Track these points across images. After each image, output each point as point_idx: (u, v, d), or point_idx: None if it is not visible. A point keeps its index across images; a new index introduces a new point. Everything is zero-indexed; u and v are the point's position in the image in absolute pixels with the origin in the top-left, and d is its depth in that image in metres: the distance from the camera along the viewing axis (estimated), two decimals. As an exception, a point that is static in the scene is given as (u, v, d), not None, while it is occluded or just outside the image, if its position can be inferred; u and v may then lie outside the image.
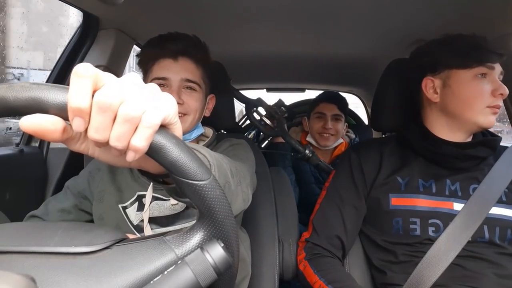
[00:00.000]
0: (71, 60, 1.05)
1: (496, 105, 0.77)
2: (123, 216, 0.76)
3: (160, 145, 0.30)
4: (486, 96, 0.76)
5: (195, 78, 0.79)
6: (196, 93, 0.80)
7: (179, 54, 0.78)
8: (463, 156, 0.80)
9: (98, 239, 0.34)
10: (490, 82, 0.77)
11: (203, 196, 0.32)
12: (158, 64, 0.78)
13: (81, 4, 0.91)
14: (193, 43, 0.80)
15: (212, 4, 1.02)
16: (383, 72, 1.00)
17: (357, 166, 0.89)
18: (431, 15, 1.02)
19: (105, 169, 0.81)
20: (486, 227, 0.75)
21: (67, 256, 0.32)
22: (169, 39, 0.78)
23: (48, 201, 0.82)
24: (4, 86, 0.28)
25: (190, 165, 0.31)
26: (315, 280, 0.80)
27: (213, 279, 0.31)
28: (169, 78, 0.77)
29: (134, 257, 0.32)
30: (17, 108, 0.28)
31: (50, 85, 0.29)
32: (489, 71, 0.78)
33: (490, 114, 0.77)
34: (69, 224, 0.38)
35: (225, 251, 0.32)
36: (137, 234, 0.75)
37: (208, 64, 0.84)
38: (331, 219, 0.87)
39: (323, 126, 1.52)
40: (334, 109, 1.54)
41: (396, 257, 0.79)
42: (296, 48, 1.45)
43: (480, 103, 0.77)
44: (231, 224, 0.34)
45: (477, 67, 0.77)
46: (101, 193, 0.79)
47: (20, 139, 1.03)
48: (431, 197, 0.79)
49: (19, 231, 0.37)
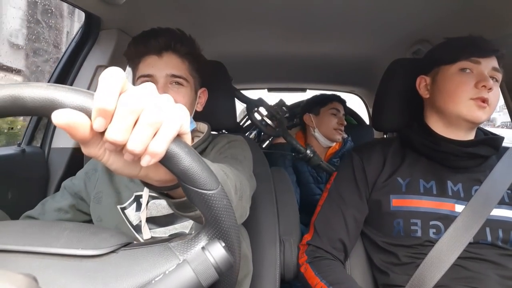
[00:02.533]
0: (73, 60, 1.05)
1: (480, 97, 0.75)
2: (122, 217, 0.76)
3: (173, 153, 0.30)
4: (469, 88, 0.76)
5: (181, 73, 0.77)
6: (183, 88, 0.77)
7: (163, 50, 0.76)
8: (464, 154, 0.79)
9: (105, 242, 0.34)
10: (475, 76, 0.77)
11: (211, 205, 0.32)
12: (143, 62, 0.77)
13: (83, 4, 0.91)
14: (177, 37, 0.77)
15: (213, 4, 1.02)
16: (384, 72, 1.00)
17: (360, 168, 0.89)
18: (432, 15, 1.02)
19: (102, 170, 0.81)
20: (488, 229, 0.74)
21: (74, 259, 0.32)
22: (152, 36, 0.76)
23: (45, 200, 0.82)
24: (21, 85, 0.28)
25: (200, 174, 0.31)
26: (316, 282, 0.80)
27: (214, 279, 0.31)
28: (154, 75, 0.75)
29: (140, 263, 0.33)
30: (33, 108, 0.28)
31: (68, 87, 0.28)
32: (475, 66, 0.78)
33: (474, 107, 0.76)
34: (75, 225, 0.38)
35: (226, 251, 0.32)
36: (137, 235, 0.75)
37: (196, 57, 0.81)
38: (333, 222, 0.87)
39: (339, 122, 1.59)
40: (342, 109, 1.64)
41: (398, 259, 0.79)
42: (297, 48, 1.45)
43: (462, 95, 0.77)
44: (235, 229, 0.34)
45: (461, 62, 0.78)
46: (99, 194, 0.78)
47: (22, 139, 1.03)
48: (432, 198, 0.79)
49: (25, 230, 0.37)
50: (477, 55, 0.78)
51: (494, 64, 0.79)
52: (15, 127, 1.15)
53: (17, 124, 1.15)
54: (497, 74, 0.79)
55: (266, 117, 1.57)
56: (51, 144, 1.05)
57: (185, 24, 1.15)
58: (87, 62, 1.06)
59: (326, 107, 1.61)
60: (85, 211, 0.81)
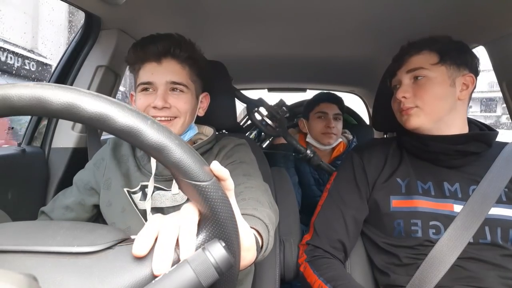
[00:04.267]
0: (73, 59, 1.05)
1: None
2: (129, 199, 0.78)
3: (163, 145, 0.30)
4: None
5: (181, 79, 0.76)
6: (184, 94, 0.77)
7: (162, 56, 0.75)
8: (454, 153, 0.79)
9: (101, 239, 0.34)
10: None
11: (205, 196, 0.32)
12: (143, 69, 0.77)
13: (83, 4, 0.91)
14: (177, 43, 0.76)
15: (213, 4, 1.02)
16: (384, 72, 1.00)
17: (360, 168, 0.88)
18: (431, 15, 1.02)
19: (109, 157, 0.83)
20: (487, 228, 0.74)
21: (70, 256, 0.32)
22: (151, 42, 0.76)
23: (56, 196, 0.86)
24: (8, 86, 0.29)
25: (192, 166, 0.31)
26: (315, 280, 0.80)
27: (214, 279, 0.31)
28: (154, 82, 0.75)
29: (137, 258, 0.32)
30: (21, 108, 0.29)
31: (54, 85, 0.29)
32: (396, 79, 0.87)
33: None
34: (71, 224, 0.38)
35: (226, 251, 0.32)
36: (142, 218, 0.77)
37: (196, 61, 0.80)
38: (332, 222, 0.87)
39: (326, 125, 1.52)
40: (335, 109, 1.55)
41: (399, 260, 0.78)
42: (297, 48, 1.45)
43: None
44: (233, 225, 0.34)
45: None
46: (108, 180, 0.81)
47: (22, 139, 1.03)
48: (431, 199, 0.79)
49: (21, 230, 0.37)
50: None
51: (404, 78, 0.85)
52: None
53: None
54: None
55: (266, 117, 1.57)
56: (51, 144, 1.05)
57: (185, 24, 1.16)
58: (87, 62, 1.06)
59: (313, 111, 1.57)
60: (91, 204, 0.84)
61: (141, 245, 0.32)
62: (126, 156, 0.83)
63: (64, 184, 0.95)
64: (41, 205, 0.87)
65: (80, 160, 1.01)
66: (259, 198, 0.63)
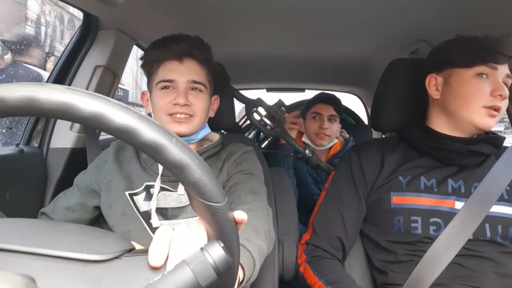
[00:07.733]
0: (71, 60, 1.05)
1: (493, 106, 0.75)
2: (130, 202, 0.78)
3: (184, 164, 0.30)
4: (484, 96, 0.76)
5: (201, 79, 0.79)
6: (202, 94, 0.80)
7: (183, 56, 0.78)
8: (467, 152, 0.79)
9: (108, 247, 0.34)
10: (491, 82, 0.76)
11: (217, 218, 0.32)
12: (163, 67, 0.79)
13: (81, 4, 0.91)
14: (197, 44, 0.80)
15: (212, 4, 1.02)
16: (383, 72, 1.01)
17: (358, 167, 0.89)
18: (430, 15, 1.02)
19: (112, 160, 0.84)
20: (487, 226, 0.74)
21: (78, 263, 0.32)
22: (173, 41, 0.78)
23: (57, 197, 0.86)
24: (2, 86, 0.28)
25: (209, 187, 0.31)
26: (315, 282, 0.80)
27: (213, 279, 0.31)
28: (176, 80, 0.77)
29: (143, 271, 0.33)
30: (13, 108, 0.28)
31: (43, 84, 0.29)
32: (491, 71, 0.76)
33: (486, 116, 0.76)
34: (78, 228, 0.38)
35: (225, 251, 0.32)
36: (143, 221, 0.77)
37: (212, 65, 0.84)
38: (331, 221, 0.87)
39: (320, 126, 1.52)
40: (330, 110, 1.54)
41: (397, 257, 0.79)
42: (296, 48, 1.45)
43: (477, 103, 0.76)
44: (232, 226, 0.35)
45: (478, 66, 0.77)
46: (109, 183, 0.81)
47: (20, 139, 1.03)
48: (433, 195, 0.79)
49: (28, 229, 0.36)
50: (495, 61, 0.76)
51: (507, 71, 0.78)
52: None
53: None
54: (508, 80, 0.78)
55: (265, 117, 1.57)
56: (49, 144, 1.04)
57: (183, 24, 1.16)
58: (86, 62, 1.05)
59: (309, 111, 1.58)
60: (93, 205, 0.83)
61: (158, 256, 0.33)
62: (129, 158, 0.83)
63: (63, 185, 0.94)
64: (39, 206, 0.87)
65: (79, 161, 1.01)
66: (257, 226, 0.63)
